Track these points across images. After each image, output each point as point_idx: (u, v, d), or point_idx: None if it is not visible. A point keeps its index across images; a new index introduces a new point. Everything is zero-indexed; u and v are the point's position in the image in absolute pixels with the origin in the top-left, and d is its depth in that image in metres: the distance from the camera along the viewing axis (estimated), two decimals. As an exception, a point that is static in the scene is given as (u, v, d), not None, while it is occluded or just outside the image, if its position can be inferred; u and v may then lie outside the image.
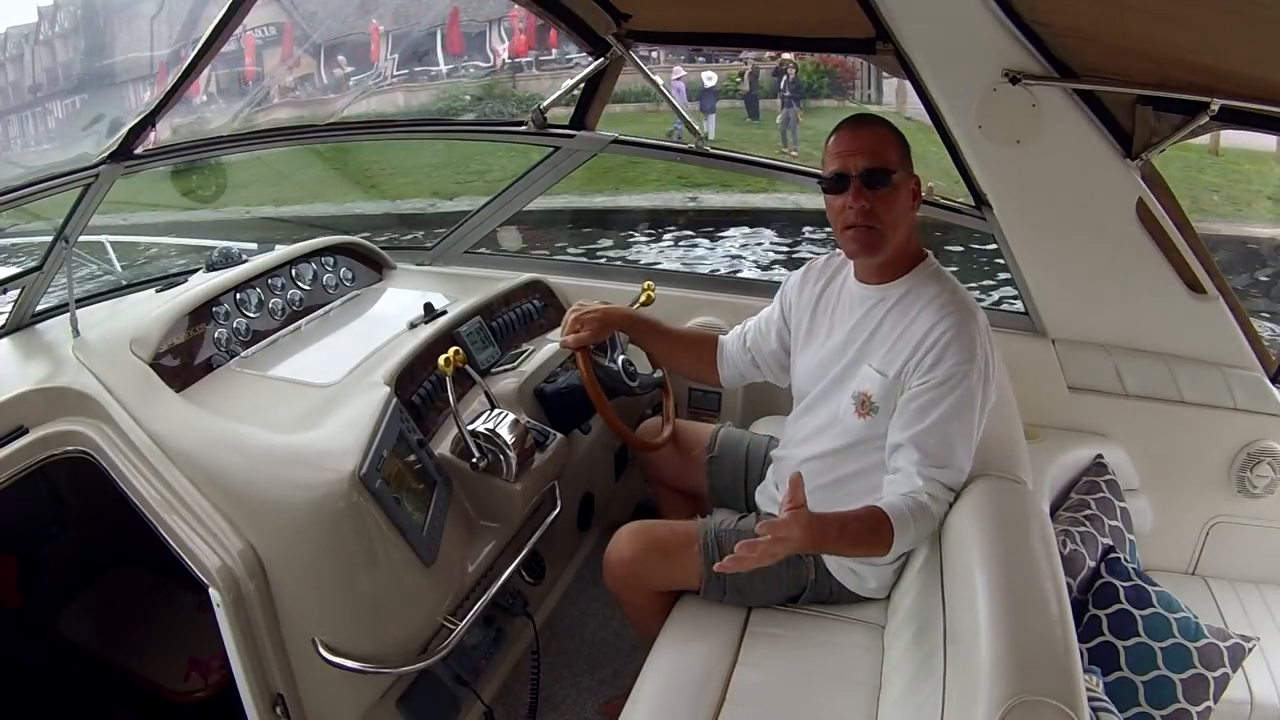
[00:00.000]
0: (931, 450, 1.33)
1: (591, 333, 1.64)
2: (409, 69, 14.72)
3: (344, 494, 1.30)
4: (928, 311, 1.36)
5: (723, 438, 1.81)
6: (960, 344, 1.32)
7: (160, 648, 1.81)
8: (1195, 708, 1.58)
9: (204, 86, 11.78)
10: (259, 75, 13.48)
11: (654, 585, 1.58)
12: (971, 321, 1.34)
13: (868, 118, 1.41)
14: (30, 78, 14.06)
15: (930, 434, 1.33)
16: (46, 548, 1.89)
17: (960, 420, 1.33)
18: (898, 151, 1.36)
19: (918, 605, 1.36)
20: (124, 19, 11.95)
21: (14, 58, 14.37)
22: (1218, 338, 1.93)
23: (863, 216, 1.35)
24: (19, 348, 1.74)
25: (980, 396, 1.34)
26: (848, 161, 1.35)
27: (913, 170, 1.38)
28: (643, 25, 2.10)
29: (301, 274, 2.03)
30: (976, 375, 1.33)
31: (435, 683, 1.57)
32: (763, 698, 1.38)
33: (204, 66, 1.58)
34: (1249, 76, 1.49)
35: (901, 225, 1.38)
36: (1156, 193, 1.82)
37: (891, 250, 1.40)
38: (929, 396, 1.33)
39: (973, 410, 1.34)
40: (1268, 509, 1.97)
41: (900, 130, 1.39)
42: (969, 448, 1.35)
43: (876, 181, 1.34)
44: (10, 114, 13.78)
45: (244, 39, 13.25)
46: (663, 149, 2.44)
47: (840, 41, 1.97)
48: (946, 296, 1.37)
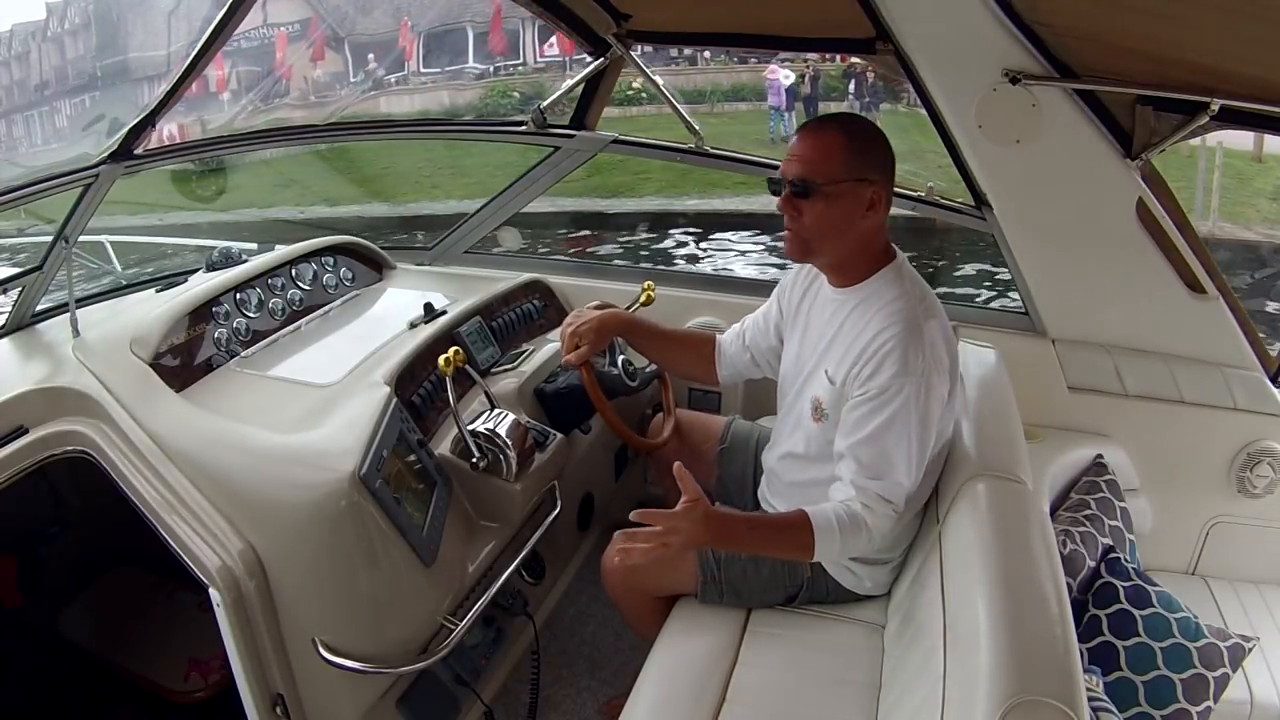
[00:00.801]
0: (867, 462, 1.32)
1: (591, 345, 1.63)
2: (440, 67, 14.53)
3: (344, 494, 1.30)
4: (876, 320, 1.34)
5: (735, 430, 1.81)
6: (897, 356, 1.30)
7: (160, 648, 1.81)
8: (1195, 708, 1.58)
9: (227, 83, 11.75)
10: (271, 71, 13.38)
11: (651, 590, 1.59)
12: (915, 333, 1.31)
13: (824, 122, 1.38)
14: (38, 76, 13.95)
15: (865, 445, 1.32)
16: (46, 548, 1.89)
17: (896, 433, 1.30)
18: (843, 161, 1.31)
19: (918, 605, 1.36)
20: (139, 15, 11.84)
21: (20, 55, 14.25)
22: (1218, 338, 1.93)
23: (790, 222, 1.35)
24: (19, 348, 1.74)
25: (919, 409, 1.31)
26: (786, 167, 1.35)
27: (873, 177, 1.32)
28: (643, 25, 2.09)
29: (301, 274, 2.03)
30: (915, 388, 1.30)
31: (435, 683, 1.57)
32: (763, 698, 1.38)
33: (204, 66, 1.57)
34: (1249, 76, 1.49)
35: (834, 235, 1.35)
36: (1156, 192, 1.81)
37: (835, 257, 1.39)
38: (866, 408, 1.32)
39: (910, 423, 1.30)
40: (1268, 509, 1.97)
41: (871, 136, 1.35)
42: (909, 460, 1.32)
43: (798, 192, 1.33)
44: (15, 113, 13.68)
45: (276, 34, 13.17)
46: (663, 149, 2.44)
47: (840, 42, 1.97)
48: (899, 304, 1.34)
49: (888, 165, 1.36)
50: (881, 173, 1.34)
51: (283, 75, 13.53)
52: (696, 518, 1.26)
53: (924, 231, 6.76)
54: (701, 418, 1.88)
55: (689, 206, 9.71)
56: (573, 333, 1.63)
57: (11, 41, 14.04)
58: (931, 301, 1.39)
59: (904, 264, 1.41)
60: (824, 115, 1.44)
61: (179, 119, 8.67)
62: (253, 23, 13.34)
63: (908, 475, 1.32)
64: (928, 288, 1.42)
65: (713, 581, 1.52)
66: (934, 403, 1.33)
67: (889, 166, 1.36)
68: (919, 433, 1.32)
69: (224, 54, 12.08)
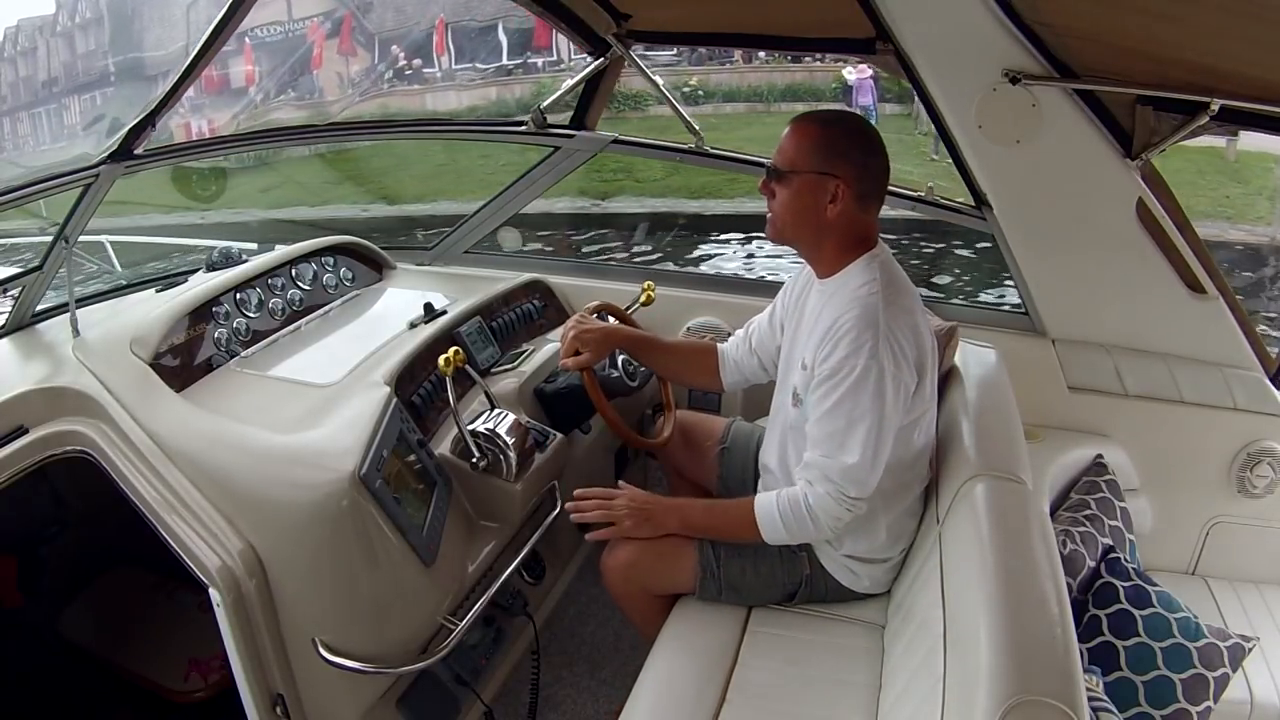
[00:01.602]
0: (819, 439, 1.36)
1: (592, 355, 1.64)
2: (472, 62, 14.28)
3: (344, 494, 1.30)
4: (840, 304, 1.37)
5: (735, 431, 1.81)
6: (851, 338, 1.33)
7: (160, 648, 1.81)
8: (1195, 708, 1.57)
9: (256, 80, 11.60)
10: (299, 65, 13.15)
11: (651, 588, 1.59)
12: (871, 317, 1.33)
13: (807, 117, 1.43)
14: (45, 72, 13.78)
15: (820, 424, 1.36)
16: (46, 548, 1.89)
17: (846, 413, 1.33)
18: (811, 153, 1.37)
19: (918, 605, 1.36)
20: (154, 9, 11.69)
21: (27, 50, 14.09)
22: (1218, 338, 1.93)
23: (768, 205, 1.44)
24: (19, 348, 1.74)
25: (871, 391, 1.32)
26: (774, 155, 1.43)
27: (838, 172, 1.36)
28: (643, 25, 2.09)
29: (301, 274, 2.03)
30: (866, 369, 1.31)
31: (435, 683, 1.57)
32: (763, 698, 1.38)
33: (204, 66, 1.57)
34: (1249, 76, 1.49)
35: (798, 221, 1.41)
36: (1156, 193, 1.81)
37: (805, 244, 1.46)
38: (822, 390, 1.36)
39: (860, 405, 1.32)
40: (1268, 509, 1.97)
41: (848, 134, 1.39)
42: (861, 443, 1.33)
43: (771, 177, 1.42)
44: (21, 110, 13.55)
45: (309, 27, 13.01)
46: (662, 149, 2.44)
47: (840, 42, 1.97)
48: (863, 290, 1.37)
49: (863, 162, 1.39)
50: (850, 168, 1.37)
51: (313, 69, 13.31)
52: (636, 494, 1.48)
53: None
54: (702, 418, 1.89)
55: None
56: (574, 337, 1.64)
57: (18, 36, 13.88)
58: (901, 293, 1.40)
59: (882, 256, 1.43)
60: (813, 111, 1.48)
61: (220, 113, 8.44)
62: (276, 16, 13.21)
63: (856, 457, 1.33)
64: (905, 282, 1.43)
65: (711, 578, 1.53)
66: (889, 387, 1.33)
67: (866, 165, 1.39)
68: (872, 416, 1.33)
69: (253, 48, 12.04)
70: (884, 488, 1.42)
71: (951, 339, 1.68)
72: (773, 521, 1.41)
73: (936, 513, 1.44)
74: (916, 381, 1.38)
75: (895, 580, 1.54)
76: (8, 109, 13.32)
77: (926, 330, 1.42)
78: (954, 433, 1.49)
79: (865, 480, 1.35)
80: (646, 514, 1.49)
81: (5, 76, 13.91)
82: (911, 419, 1.41)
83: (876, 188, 1.42)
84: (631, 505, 1.49)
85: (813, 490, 1.37)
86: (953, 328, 1.69)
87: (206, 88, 10.26)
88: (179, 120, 12.26)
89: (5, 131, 12.93)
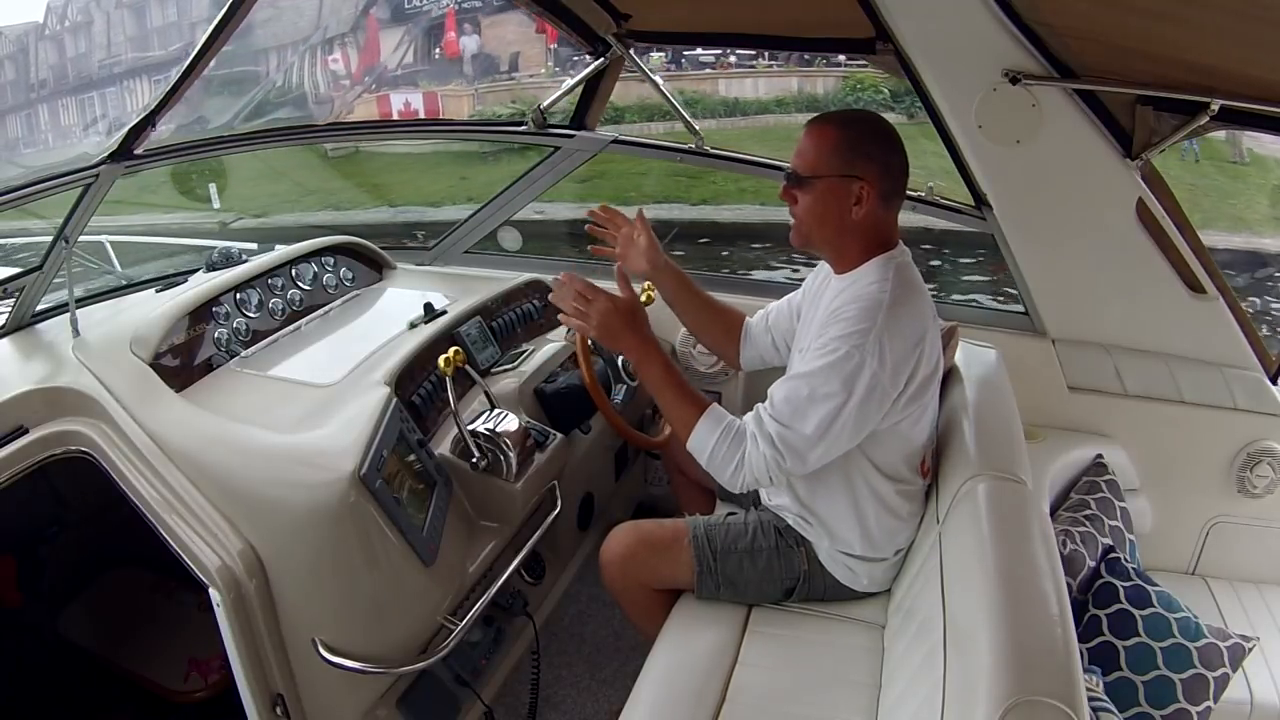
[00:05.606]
0: (779, 401, 1.34)
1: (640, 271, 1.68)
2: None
3: (344, 494, 1.30)
4: (849, 297, 1.37)
5: None
6: (848, 322, 1.31)
7: (160, 648, 1.81)
8: (1195, 708, 1.58)
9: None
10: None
11: (649, 583, 1.59)
12: (873, 310, 1.32)
13: (825, 119, 1.41)
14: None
15: (786, 384, 1.35)
16: (46, 548, 1.89)
17: (816, 387, 1.30)
18: (832, 157, 1.35)
19: (918, 605, 1.36)
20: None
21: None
22: (1218, 338, 1.93)
23: (790, 211, 1.42)
24: (19, 348, 1.74)
25: (848, 376, 1.29)
26: (792, 159, 1.41)
27: (861, 174, 1.34)
28: (643, 25, 2.10)
29: (301, 274, 2.03)
30: (850, 353, 1.29)
31: (435, 683, 1.57)
32: (763, 697, 1.38)
33: (204, 67, 1.57)
34: (1249, 76, 1.49)
35: (823, 225, 1.39)
36: (1156, 193, 1.82)
37: (829, 246, 1.43)
38: (806, 356, 1.36)
39: (832, 385, 1.30)
40: (1268, 509, 1.97)
41: (869, 135, 1.37)
42: (817, 421, 1.30)
43: (792, 183, 1.40)
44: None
45: (367, 21, 12.80)
46: (662, 149, 2.44)
47: (840, 42, 1.98)
48: (873, 288, 1.36)
49: (885, 161, 1.37)
50: (873, 168, 1.35)
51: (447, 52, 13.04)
52: (621, 306, 1.41)
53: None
54: None
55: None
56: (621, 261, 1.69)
57: (67, 10, 13.72)
58: (911, 297, 1.37)
59: (900, 259, 1.41)
60: (829, 112, 1.46)
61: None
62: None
63: (809, 431, 1.31)
64: (920, 288, 1.41)
65: (709, 573, 1.53)
66: (863, 382, 1.30)
67: (888, 164, 1.37)
68: (835, 401, 1.30)
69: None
70: (880, 485, 1.42)
71: (951, 339, 1.68)
72: (708, 439, 1.37)
73: (937, 513, 1.43)
74: (900, 390, 1.35)
75: (895, 580, 1.54)
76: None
77: (933, 342, 1.40)
78: (954, 433, 1.49)
79: (806, 458, 1.33)
80: (611, 330, 1.42)
81: (49, 59, 13.82)
82: (891, 424, 1.38)
83: (899, 186, 1.40)
84: (604, 316, 1.41)
85: (755, 446, 1.34)
86: (953, 328, 1.69)
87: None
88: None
89: (42, 123, 12.83)
